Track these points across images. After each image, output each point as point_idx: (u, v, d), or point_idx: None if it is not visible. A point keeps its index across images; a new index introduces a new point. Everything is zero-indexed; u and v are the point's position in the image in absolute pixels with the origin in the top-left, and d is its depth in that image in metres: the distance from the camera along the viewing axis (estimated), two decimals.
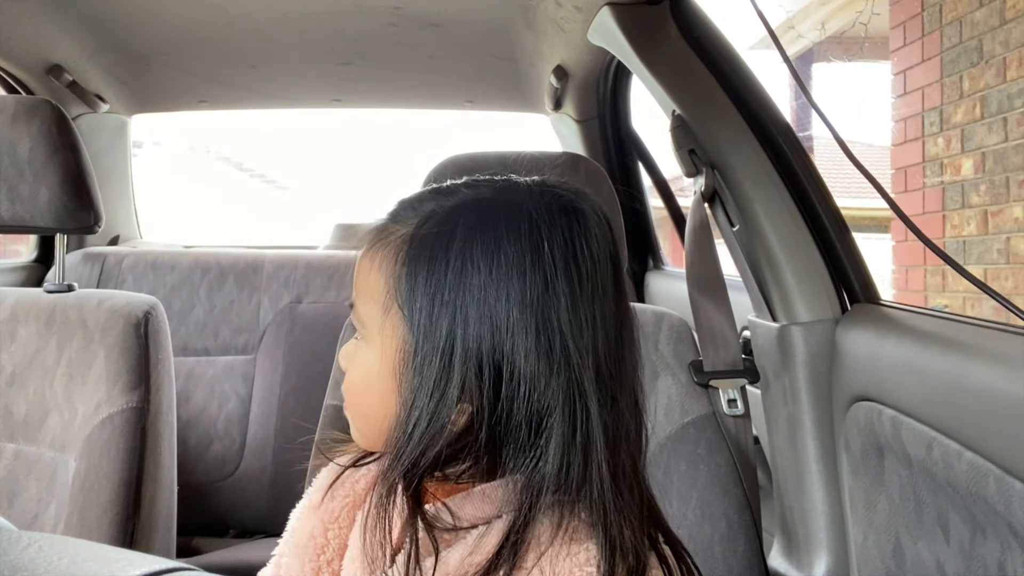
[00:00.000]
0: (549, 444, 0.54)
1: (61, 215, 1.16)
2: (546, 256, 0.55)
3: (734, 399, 1.14)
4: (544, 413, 0.54)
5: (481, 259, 0.55)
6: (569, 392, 0.54)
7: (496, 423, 0.54)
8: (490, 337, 0.54)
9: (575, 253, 0.56)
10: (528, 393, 0.54)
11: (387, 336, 0.58)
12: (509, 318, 0.54)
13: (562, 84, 1.77)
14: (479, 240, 0.56)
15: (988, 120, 2.98)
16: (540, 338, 0.54)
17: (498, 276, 0.55)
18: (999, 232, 2.95)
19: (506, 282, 0.55)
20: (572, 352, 0.54)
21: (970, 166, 3.10)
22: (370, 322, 0.60)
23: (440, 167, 1.16)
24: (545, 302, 0.54)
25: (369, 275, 0.60)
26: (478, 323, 0.54)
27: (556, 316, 0.54)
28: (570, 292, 0.55)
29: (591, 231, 0.58)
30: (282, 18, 1.56)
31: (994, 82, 2.94)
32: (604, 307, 0.56)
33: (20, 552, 0.30)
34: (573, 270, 0.55)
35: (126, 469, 1.06)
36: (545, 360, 0.54)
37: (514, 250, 0.55)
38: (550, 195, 0.60)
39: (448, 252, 0.56)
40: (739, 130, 1.13)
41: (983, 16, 2.99)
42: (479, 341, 0.54)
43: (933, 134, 3.30)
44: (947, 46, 3.19)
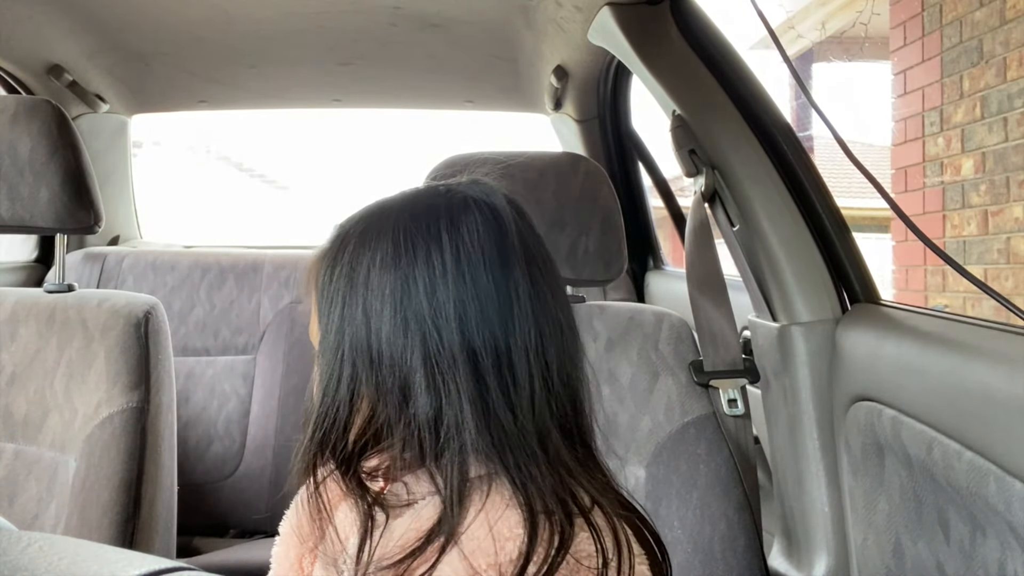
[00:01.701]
0: (417, 420, 0.60)
1: (61, 215, 1.16)
2: (409, 252, 0.62)
3: (734, 399, 1.15)
4: (411, 395, 0.60)
5: (360, 260, 0.63)
6: (428, 370, 0.59)
7: (387, 407, 0.61)
8: (365, 329, 0.61)
9: (440, 246, 0.62)
10: (396, 378, 0.60)
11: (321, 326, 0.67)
12: (380, 310, 0.61)
13: (562, 84, 1.77)
14: (362, 243, 0.64)
15: (988, 120, 2.98)
16: (396, 323, 0.60)
17: (371, 274, 0.62)
18: (999, 232, 2.95)
19: (377, 277, 0.62)
20: (429, 334, 0.60)
21: (970, 166, 3.10)
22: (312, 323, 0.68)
23: (440, 167, 1.16)
24: (404, 291, 0.61)
25: (312, 299, 0.68)
26: (361, 317, 0.62)
27: (414, 302, 0.60)
28: (428, 279, 0.61)
29: (467, 223, 0.63)
30: (282, 18, 1.56)
31: (994, 82, 2.94)
32: (474, 289, 0.61)
33: (20, 552, 0.30)
34: (435, 260, 0.61)
35: (126, 469, 1.06)
36: (401, 340, 0.60)
37: (383, 249, 0.62)
38: (441, 195, 0.65)
39: (342, 257, 0.65)
40: (739, 130, 1.13)
41: (983, 16, 2.99)
42: (359, 333, 0.62)
43: (933, 134, 3.30)
44: (947, 46, 3.19)
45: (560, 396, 0.62)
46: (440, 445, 0.59)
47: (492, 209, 0.64)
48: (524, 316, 0.62)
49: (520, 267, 0.63)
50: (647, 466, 1.10)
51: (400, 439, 0.60)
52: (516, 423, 0.59)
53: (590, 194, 1.19)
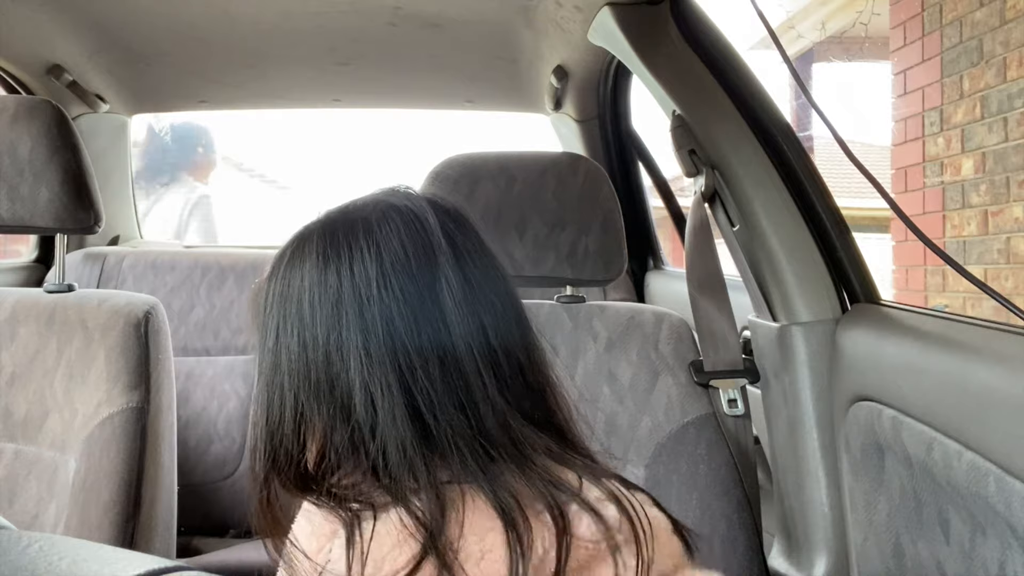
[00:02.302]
0: (364, 442, 0.59)
1: (61, 215, 1.16)
2: (332, 267, 0.62)
3: (734, 399, 1.15)
4: (354, 417, 0.59)
5: (291, 284, 0.64)
6: (364, 389, 0.59)
7: (337, 432, 0.60)
8: (302, 357, 0.61)
9: (362, 256, 0.61)
10: (339, 402, 0.60)
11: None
12: (315, 334, 0.61)
13: (562, 84, 1.77)
14: (291, 266, 0.65)
15: (988, 120, 2.98)
16: (331, 345, 0.60)
17: (303, 297, 0.62)
18: (999, 232, 2.95)
19: (308, 298, 0.62)
20: (362, 351, 0.59)
21: (970, 166, 3.10)
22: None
23: (440, 167, 1.16)
24: (335, 311, 0.61)
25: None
26: (296, 346, 0.62)
27: (345, 320, 0.60)
28: (355, 293, 0.60)
29: (386, 230, 0.62)
30: (282, 18, 1.56)
31: (994, 82, 2.94)
32: (401, 295, 0.60)
33: (20, 552, 0.30)
34: (359, 272, 0.61)
35: (126, 469, 1.06)
36: (338, 362, 0.60)
37: (308, 267, 0.63)
38: (359, 208, 0.65)
39: (274, 282, 0.65)
40: (739, 130, 1.13)
41: (983, 16, 2.99)
42: (297, 362, 0.61)
43: (933, 134, 3.30)
44: (947, 46, 3.19)
45: (518, 386, 0.62)
46: (390, 466, 0.58)
47: (411, 212, 0.64)
48: (461, 314, 0.61)
49: (449, 265, 0.62)
50: (647, 466, 1.10)
51: (356, 462, 0.59)
52: (471, 424, 0.59)
53: (590, 194, 1.19)
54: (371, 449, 0.58)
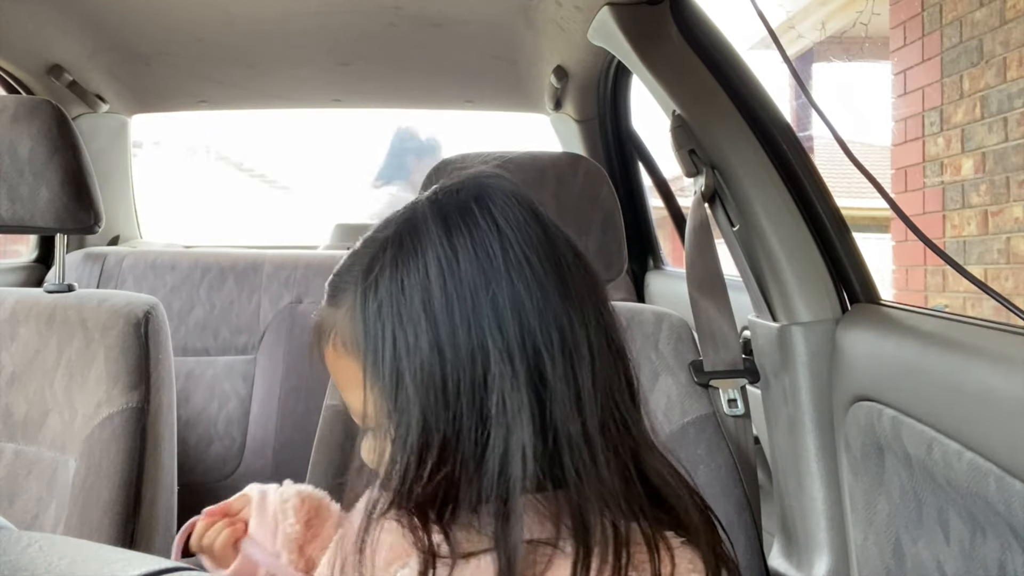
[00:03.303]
0: (495, 441, 0.52)
1: (61, 215, 1.16)
2: (462, 252, 0.54)
3: (734, 399, 1.14)
4: (488, 423, 0.52)
5: (406, 282, 0.54)
6: (498, 380, 0.52)
7: (464, 442, 0.53)
8: (433, 357, 0.53)
9: (486, 237, 0.55)
10: (474, 405, 0.52)
11: (382, 415, 0.55)
12: (449, 330, 0.53)
13: (562, 84, 1.77)
14: (401, 264, 0.55)
15: (988, 120, 2.98)
16: (469, 339, 0.53)
17: (428, 292, 0.54)
18: (999, 232, 2.95)
19: (437, 292, 0.53)
20: (479, 339, 0.53)
21: (970, 166, 3.10)
22: (370, 408, 0.56)
23: (439, 167, 1.15)
24: (471, 299, 0.53)
25: (342, 364, 0.58)
26: (426, 346, 0.53)
27: (480, 309, 0.53)
28: (484, 277, 0.53)
29: (500, 207, 0.56)
30: (282, 18, 1.56)
31: (994, 82, 2.94)
32: (531, 274, 0.54)
33: (20, 552, 0.30)
34: (469, 249, 0.54)
35: (126, 469, 1.06)
36: (478, 357, 0.53)
37: (429, 260, 0.54)
38: (455, 191, 0.58)
39: (376, 290, 0.55)
40: (739, 130, 1.13)
41: (983, 16, 2.99)
42: (424, 365, 0.53)
43: (933, 134, 3.30)
44: (947, 46, 3.19)
45: (626, 398, 0.56)
46: (499, 481, 0.52)
47: (513, 190, 0.58)
48: (580, 297, 0.55)
49: (562, 238, 0.58)
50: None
51: (472, 478, 0.52)
52: (584, 435, 0.53)
53: (590, 194, 1.19)
54: (490, 467, 0.52)
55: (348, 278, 0.58)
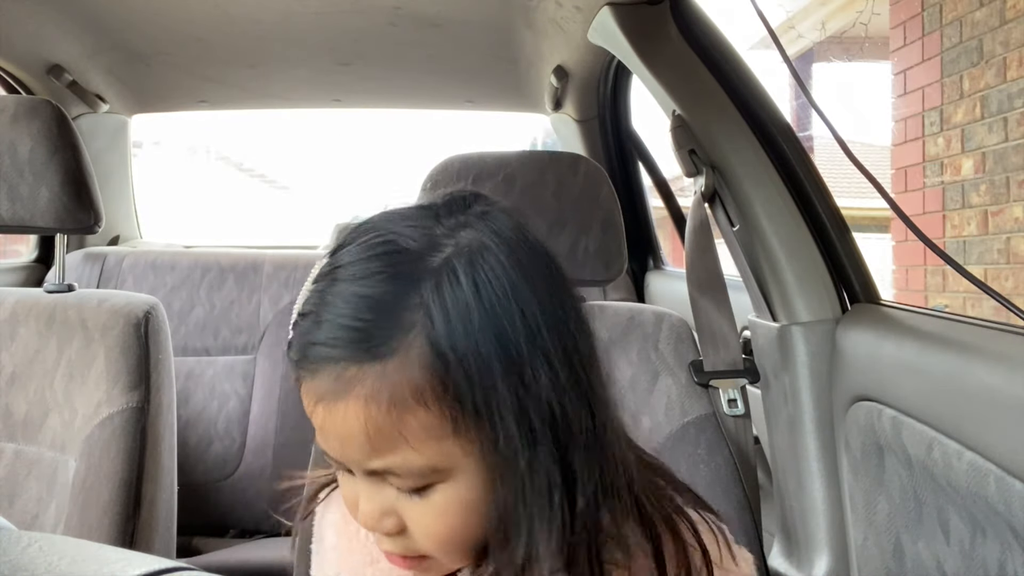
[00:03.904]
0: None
1: (61, 215, 1.16)
2: (504, 240, 0.53)
3: (734, 399, 1.14)
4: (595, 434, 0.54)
5: (481, 285, 0.51)
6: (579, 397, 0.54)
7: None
8: (550, 389, 0.51)
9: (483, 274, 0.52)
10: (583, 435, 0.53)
11: (467, 459, 0.52)
12: (549, 353, 0.52)
13: (562, 84, 1.77)
14: (470, 265, 0.51)
15: (988, 120, 2.98)
16: (547, 360, 0.52)
17: (526, 313, 0.51)
18: (999, 232, 2.95)
19: (534, 312, 0.51)
20: (566, 346, 0.53)
21: (970, 166, 3.10)
22: (442, 461, 0.52)
23: (440, 167, 1.15)
24: (533, 305, 0.52)
25: (402, 423, 0.50)
26: (543, 376, 0.51)
27: (537, 320, 0.52)
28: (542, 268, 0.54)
29: (491, 254, 0.52)
30: (282, 18, 1.56)
31: (994, 82, 2.94)
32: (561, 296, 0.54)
33: (20, 552, 0.30)
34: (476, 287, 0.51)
35: (126, 469, 1.06)
36: (566, 371, 0.53)
37: (491, 259, 0.52)
38: (461, 221, 0.54)
39: (475, 329, 0.50)
40: (739, 130, 1.13)
41: (983, 16, 2.99)
42: (542, 400, 0.51)
43: (933, 134, 3.30)
44: (947, 46, 3.19)
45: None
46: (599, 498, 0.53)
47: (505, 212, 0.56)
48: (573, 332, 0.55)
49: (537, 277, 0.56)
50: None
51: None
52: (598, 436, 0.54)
53: (590, 194, 1.19)
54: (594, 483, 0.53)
55: (382, 325, 0.50)
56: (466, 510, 0.53)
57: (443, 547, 0.54)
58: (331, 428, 0.52)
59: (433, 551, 0.54)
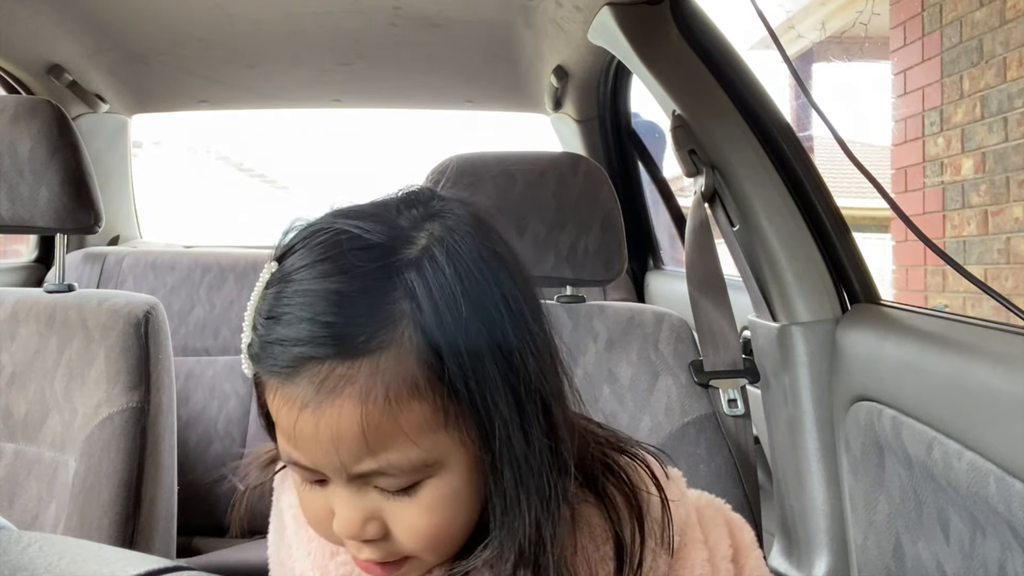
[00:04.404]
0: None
1: (61, 215, 1.16)
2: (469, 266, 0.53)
3: (734, 399, 1.15)
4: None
5: (463, 273, 0.51)
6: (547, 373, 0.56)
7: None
8: (536, 363, 0.53)
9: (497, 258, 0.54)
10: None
11: (457, 450, 0.52)
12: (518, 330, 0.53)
13: (562, 84, 1.77)
14: (450, 297, 0.51)
15: (988, 120, 2.98)
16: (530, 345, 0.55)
17: (477, 284, 0.52)
18: (999, 232, 2.95)
19: (485, 280, 0.52)
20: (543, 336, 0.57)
21: (970, 166, 3.09)
22: (435, 455, 0.51)
23: (440, 167, 1.15)
24: (511, 297, 0.54)
25: (400, 418, 0.49)
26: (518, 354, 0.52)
27: (516, 307, 0.54)
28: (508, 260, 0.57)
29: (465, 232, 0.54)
30: (282, 18, 1.56)
31: (994, 82, 2.94)
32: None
33: (20, 552, 0.30)
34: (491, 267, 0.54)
35: (126, 469, 1.06)
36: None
37: (465, 285, 0.51)
38: (435, 214, 0.55)
39: (439, 319, 0.50)
40: (739, 130, 1.13)
41: (983, 16, 2.99)
42: (530, 372, 0.53)
43: (933, 134, 3.30)
44: (947, 46, 3.19)
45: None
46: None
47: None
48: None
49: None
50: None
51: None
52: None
53: (590, 194, 1.19)
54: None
55: (368, 319, 0.49)
56: (455, 503, 0.52)
57: (430, 545, 0.53)
58: (319, 434, 0.49)
59: (419, 550, 0.53)
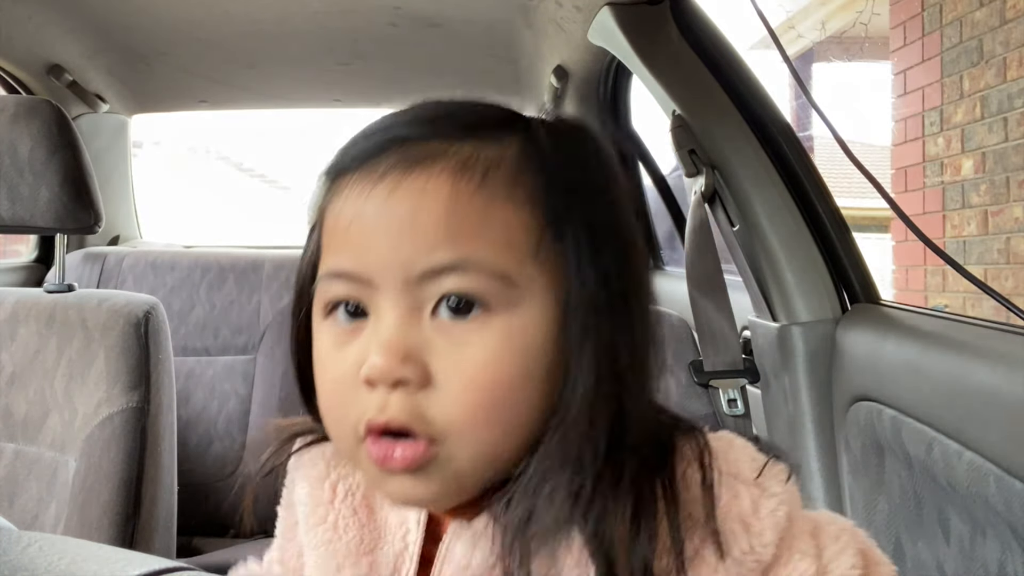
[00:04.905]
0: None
1: (61, 215, 1.16)
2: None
3: (734, 399, 1.15)
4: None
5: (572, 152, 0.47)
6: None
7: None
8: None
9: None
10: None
11: (541, 294, 0.44)
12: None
13: (562, 84, 1.77)
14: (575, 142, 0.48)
15: (988, 120, 2.98)
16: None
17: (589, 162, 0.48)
18: (999, 232, 2.95)
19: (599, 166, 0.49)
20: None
21: (970, 166, 3.10)
22: (516, 275, 0.43)
23: None
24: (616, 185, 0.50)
25: (489, 212, 0.43)
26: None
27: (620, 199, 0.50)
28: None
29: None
30: (282, 18, 1.56)
31: (994, 82, 2.94)
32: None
33: (20, 552, 0.30)
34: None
35: (126, 469, 1.06)
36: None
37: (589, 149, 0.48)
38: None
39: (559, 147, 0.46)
40: (739, 130, 1.13)
41: (983, 16, 2.99)
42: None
43: (933, 134, 3.30)
44: (947, 46, 3.19)
45: None
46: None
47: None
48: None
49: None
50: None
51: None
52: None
53: None
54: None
55: (476, 118, 0.46)
56: (520, 362, 0.43)
57: (476, 411, 0.43)
58: (391, 212, 0.43)
59: (459, 418, 0.43)
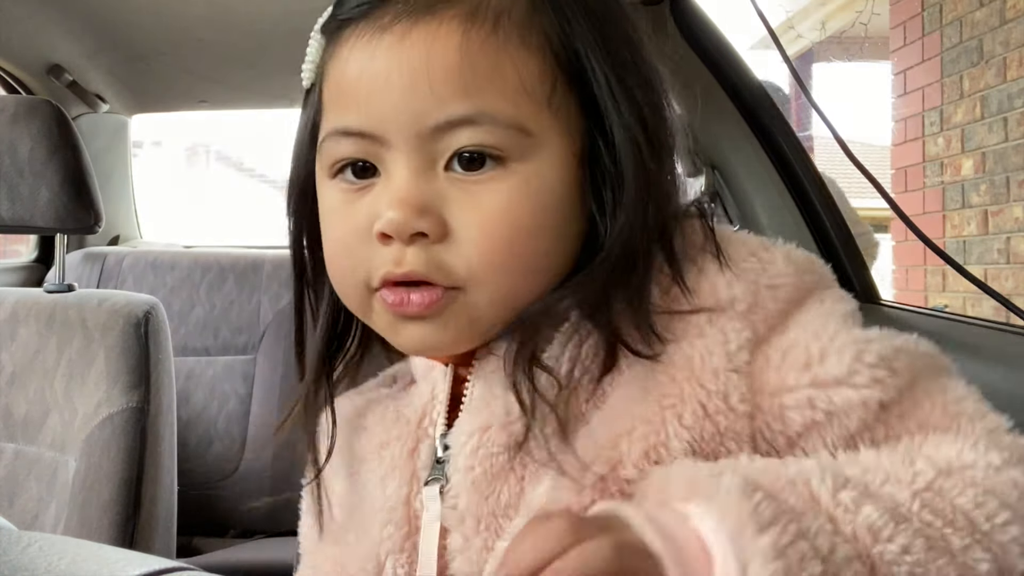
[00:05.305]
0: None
1: (61, 215, 1.16)
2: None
3: None
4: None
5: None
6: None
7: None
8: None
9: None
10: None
11: (557, 140, 0.44)
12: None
13: None
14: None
15: (988, 120, 2.98)
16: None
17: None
18: (999, 232, 2.95)
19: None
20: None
21: (970, 166, 3.10)
22: (531, 124, 0.43)
23: None
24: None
25: (502, 59, 0.42)
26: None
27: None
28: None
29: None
30: (282, 18, 1.56)
31: (994, 82, 2.94)
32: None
33: (20, 552, 0.30)
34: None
35: (126, 469, 1.06)
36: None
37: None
38: None
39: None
40: (739, 130, 1.13)
41: (983, 16, 2.99)
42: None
43: (933, 134, 3.30)
44: (947, 46, 3.19)
45: None
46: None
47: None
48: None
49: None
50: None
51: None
52: None
53: None
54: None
55: None
56: (538, 209, 0.43)
57: (496, 258, 0.42)
58: (401, 64, 0.42)
59: (479, 266, 0.43)
